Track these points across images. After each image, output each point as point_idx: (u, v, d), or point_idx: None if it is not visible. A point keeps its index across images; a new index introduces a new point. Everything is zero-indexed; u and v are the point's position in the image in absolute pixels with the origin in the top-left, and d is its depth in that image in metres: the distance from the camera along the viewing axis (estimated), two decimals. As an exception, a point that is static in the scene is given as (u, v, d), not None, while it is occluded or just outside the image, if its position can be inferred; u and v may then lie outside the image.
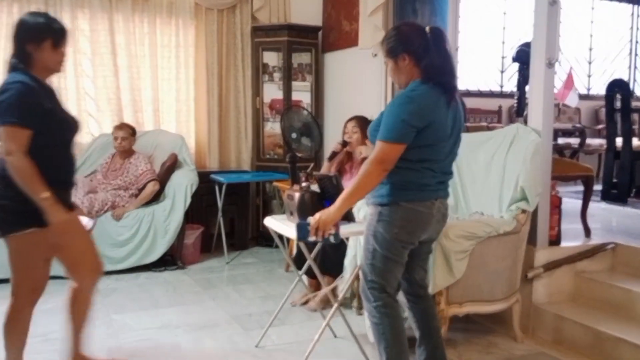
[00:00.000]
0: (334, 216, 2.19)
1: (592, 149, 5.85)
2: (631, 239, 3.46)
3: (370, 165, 2.12)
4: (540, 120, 3.11)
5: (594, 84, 7.44)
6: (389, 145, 2.11)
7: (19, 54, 2.23)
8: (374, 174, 2.13)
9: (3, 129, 2.12)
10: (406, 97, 2.13)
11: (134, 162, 4.49)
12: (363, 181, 2.13)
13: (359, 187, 2.15)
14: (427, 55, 2.16)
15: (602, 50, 7.48)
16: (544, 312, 3.11)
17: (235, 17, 5.24)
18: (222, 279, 4.25)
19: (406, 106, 2.11)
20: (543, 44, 3.09)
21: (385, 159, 2.12)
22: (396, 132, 2.10)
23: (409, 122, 2.09)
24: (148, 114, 5.07)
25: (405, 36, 2.22)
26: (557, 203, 3.23)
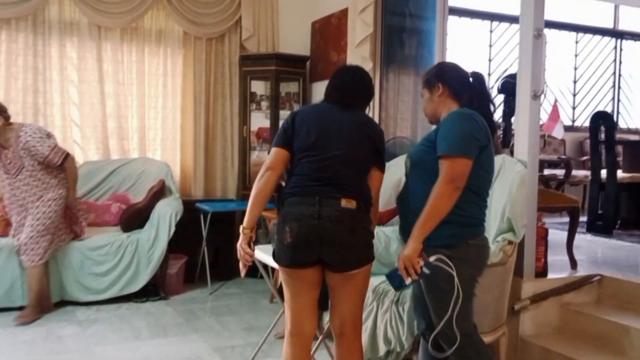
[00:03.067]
0: (415, 248, 2.02)
1: (577, 180, 5.88)
2: (617, 271, 3.45)
3: (441, 185, 2.01)
4: (526, 152, 3.12)
5: (578, 115, 7.54)
6: (456, 160, 2.03)
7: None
8: (446, 195, 2.02)
9: None
10: (463, 114, 2.12)
11: (24, 145, 3.83)
12: (436, 204, 2.01)
13: (433, 212, 2.02)
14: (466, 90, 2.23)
15: (586, 83, 7.60)
16: (531, 345, 3.07)
17: (224, 46, 5.27)
18: (205, 310, 4.17)
19: (468, 121, 2.09)
20: (528, 76, 3.12)
21: (455, 175, 2.02)
22: (462, 145, 2.04)
23: (474, 134, 2.07)
24: (134, 141, 5.06)
25: (443, 69, 2.31)
26: (543, 234, 3.22)
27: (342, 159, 2.24)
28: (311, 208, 2.15)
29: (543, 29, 3.14)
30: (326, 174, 2.21)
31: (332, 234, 2.14)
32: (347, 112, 2.35)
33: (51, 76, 4.77)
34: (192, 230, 4.72)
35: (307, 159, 2.23)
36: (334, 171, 2.22)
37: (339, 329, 2.34)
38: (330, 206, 2.16)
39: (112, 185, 4.82)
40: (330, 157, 2.22)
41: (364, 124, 2.38)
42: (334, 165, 2.22)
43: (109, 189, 4.80)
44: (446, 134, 2.08)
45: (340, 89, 2.40)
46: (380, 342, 2.96)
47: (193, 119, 5.18)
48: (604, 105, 7.67)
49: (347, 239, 2.17)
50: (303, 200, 2.18)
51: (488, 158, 2.14)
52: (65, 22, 4.78)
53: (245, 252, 2.24)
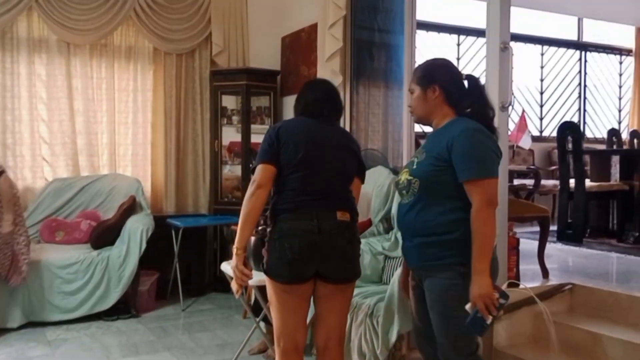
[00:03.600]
0: (487, 282, 1.92)
1: (547, 190, 5.98)
2: (588, 279, 3.50)
3: (483, 212, 1.93)
4: (495, 163, 3.15)
5: (546, 126, 7.69)
6: (488, 182, 1.97)
7: None
8: (490, 220, 1.95)
9: None
10: (479, 130, 2.02)
11: None
12: (485, 232, 1.94)
13: (486, 241, 1.94)
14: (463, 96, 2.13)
15: (552, 94, 7.77)
16: (505, 355, 3.08)
17: (195, 61, 5.24)
18: (177, 327, 4.10)
19: (486, 138, 2.02)
20: (496, 89, 3.15)
21: (491, 197, 1.96)
22: (489, 165, 1.99)
23: (494, 151, 2.02)
24: (104, 158, 4.99)
25: (441, 69, 2.18)
26: (514, 244, 3.26)
27: (332, 172, 2.28)
28: (310, 223, 2.17)
29: (509, 42, 3.19)
30: (319, 187, 2.24)
31: (333, 247, 2.20)
32: (327, 125, 2.39)
33: (19, 93, 4.69)
34: (164, 247, 4.65)
35: (298, 174, 2.23)
36: (326, 185, 2.25)
37: (324, 342, 2.33)
38: (328, 219, 2.19)
39: (82, 202, 4.73)
40: (321, 171, 2.25)
41: (345, 137, 2.46)
42: (325, 179, 2.26)
43: (79, 206, 4.71)
44: (471, 156, 1.98)
45: (317, 103, 2.41)
46: (354, 356, 2.94)
47: (164, 134, 5.13)
48: (570, 116, 7.84)
49: (347, 251, 2.25)
50: (299, 215, 2.19)
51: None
52: (33, 39, 4.72)
53: (243, 274, 2.18)
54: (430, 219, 2.04)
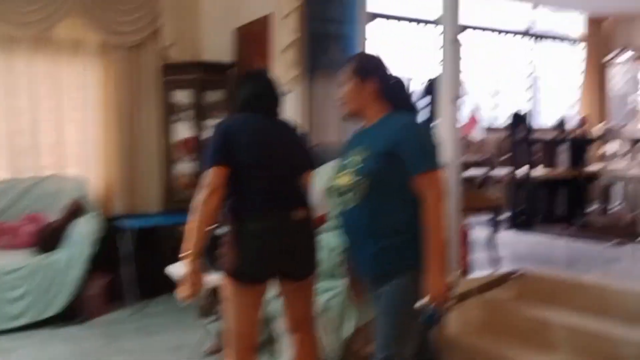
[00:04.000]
0: (444, 281, 1.91)
1: (499, 179, 6.07)
2: (536, 266, 3.58)
3: (438, 206, 1.90)
4: (449, 154, 3.17)
5: (498, 116, 7.80)
6: (438, 174, 1.95)
7: None
8: (442, 212, 1.92)
9: None
10: (422, 124, 2.13)
11: None
12: (439, 225, 1.90)
13: (442, 237, 1.91)
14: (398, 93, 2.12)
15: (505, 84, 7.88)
16: (457, 344, 3.12)
17: (144, 54, 5.08)
18: (129, 331, 4.00)
19: (428, 130, 2.09)
20: (448, 81, 3.18)
21: (442, 190, 1.94)
22: (436, 157, 1.98)
23: (437, 146, 2.03)
24: (50, 157, 4.79)
25: (381, 63, 2.14)
26: (466, 234, 3.29)
27: (287, 170, 2.31)
28: (273, 223, 2.21)
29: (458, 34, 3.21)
30: (277, 187, 2.25)
31: (295, 245, 2.25)
32: (272, 120, 2.36)
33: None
34: (114, 248, 4.51)
35: (254, 175, 2.23)
36: (283, 184, 2.27)
37: (295, 327, 2.42)
38: (289, 219, 2.24)
39: (26, 205, 4.55)
40: (277, 171, 2.27)
41: (290, 130, 2.44)
42: (281, 178, 2.28)
43: (23, 209, 4.52)
44: (421, 148, 1.96)
45: (261, 98, 2.37)
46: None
47: (113, 131, 4.96)
48: (522, 105, 7.99)
49: (308, 248, 2.31)
50: (261, 216, 2.21)
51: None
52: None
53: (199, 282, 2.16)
54: (389, 219, 1.97)
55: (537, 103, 8.17)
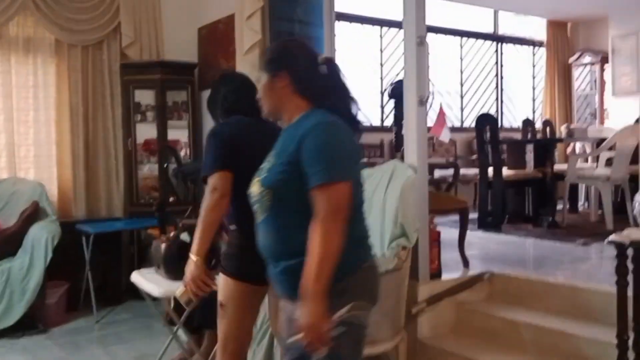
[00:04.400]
0: (318, 311, 1.54)
1: (468, 179, 6.09)
2: (506, 266, 3.58)
3: (328, 223, 1.57)
4: (415, 156, 3.13)
5: (466, 116, 7.86)
6: (337, 187, 1.60)
7: None
8: (337, 232, 1.58)
9: None
10: (329, 125, 1.68)
11: None
12: (329, 248, 1.56)
13: (326, 259, 1.56)
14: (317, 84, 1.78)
15: (472, 85, 7.95)
16: (429, 347, 3.08)
17: (102, 53, 4.91)
18: (91, 341, 3.84)
19: (338, 134, 1.67)
20: (414, 83, 3.14)
21: (340, 206, 1.60)
22: (340, 166, 1.63)
23: (349, 148, 1.68)
24: (2, 160, 4.60)
25: (291, 53, 1.83)
26: (435, 237, 3.26)
27: None
28: None
29: (425, 36, 3.17)
30: None
31: None
32: (260, 121, 2.27)
33: None
34: (74, 254, 4.33)
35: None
36: None
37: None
38: None
39: (-20, 209, 4.35)
40: None
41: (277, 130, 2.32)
42: None
43: (-24, 214, 4.32)
44: (321, 156, 1.62)
45: (244, 99, 2.33)
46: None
47: (70, 133, 4.77)
48: (489, 107, 8.06)
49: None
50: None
51: (360, 169, 1.77)
52: None
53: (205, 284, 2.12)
54: (291, 238, 1.69)
55: (504, 104, 8.26)
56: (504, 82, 8.23)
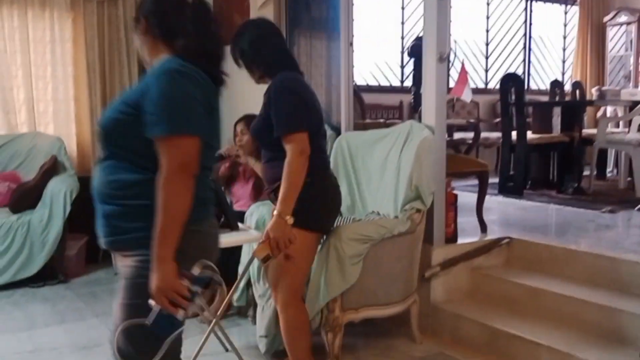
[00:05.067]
0: (169, 271, 1.44)
1: (490, 143, 5.94)
2: (525, 233, 3.48)
3: (173, 180, 1.46)
4: (433, 117, 3.03)
5: (491, 78, 7.64)
6: (189, 141, 1.48)
7: None
8: (183, 190, 1.47)
9: None
10: (182, 73, 1.51)
11: None
12: (175, 207, 1.46)
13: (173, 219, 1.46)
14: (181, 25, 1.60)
15: (498, 45, 7.69)
16: (442, 311, 3.05)
17: (118, 8, 4.82)
18: (108, 292, 3.88)
19: (194, 83, 1.51)
20: (434, 39, 3.01)
21: (190, 162, 1.48)
22: (192, 119, 1.49)
23: (205, 104, 1.52)
24: (22, 115, 4.62)
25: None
26: (452, 200, 3.17)
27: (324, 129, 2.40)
28: (335, 179, 2.42)
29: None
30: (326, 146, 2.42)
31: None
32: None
33: None
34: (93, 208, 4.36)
35: (321, 133, 2.33)
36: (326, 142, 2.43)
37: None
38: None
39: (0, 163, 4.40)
40: (323, 129, 2.38)
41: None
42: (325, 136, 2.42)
43: (-4, 168, 4.37)
44: (163, 105, 1.47)
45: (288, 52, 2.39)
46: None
47: (87, 89, 4.74)
48: (515, 67, 7.82)
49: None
50: (330, 174, 2.39)
51: (214, 124, 1.61)
52: None
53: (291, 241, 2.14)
54: (114, 179, 1.56)
55: (531, 65, 8.00)
56: (533, 42, 7.94)
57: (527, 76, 7.89)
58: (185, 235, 1.49)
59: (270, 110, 2.19)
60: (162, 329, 1.48)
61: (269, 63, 2.28)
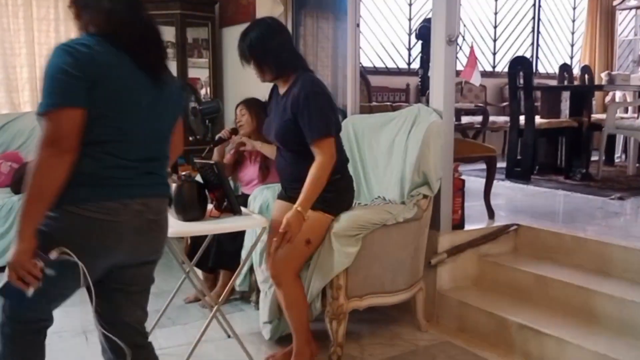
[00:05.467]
0: (22, 250, 1.43)
1: (498, 127, 5.87)
2: (533, 220, 3.42)
3: (39, 155, 1.42)
4: (441, 100, 2.96)
5: (499, 61, 7.52)
6: (59, 114, 1.42)
7: None
8: (49, 167, 1.42)
9: None
10: (59, 49, 1.48)
11: None
12: (37, 185, 1.41)
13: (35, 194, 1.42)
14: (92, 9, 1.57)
15: (506, 28, 7.56)
16: (448, 299, 3.00)
17: (121, -13, 4.75)
18: (110, 277, 3.87)
19: (63, 57, 1.45)
20: (443, 21, 2.92)
21: (57, 136, 1.42)
22: (58, 92, 1.44)
23: (68, 71, 1.44)
24: (25, 94, 4.58)
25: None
26: (459, 186, 3.11)
27: None
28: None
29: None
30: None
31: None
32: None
33: None
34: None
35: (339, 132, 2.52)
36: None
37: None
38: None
39: (2, 143, 4.34)
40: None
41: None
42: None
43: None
44: (44, 82, 1.47)
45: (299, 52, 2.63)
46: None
47: (91, 68, 4.70)
48: (524, 51, 7.69)
49: None
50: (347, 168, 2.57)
51: (107, 96, 1.50)
52: None
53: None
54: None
55: (540, 49, 7.87)
56: (541, 25, 7.81)
57: (535, 60, 7.77)
58: (58, 215, 1.47)
59: (299, 114, 2.26)
60: (11, 297, 1.56)
61: (281, 63, 2.33)
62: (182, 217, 2.29)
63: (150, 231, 1.63)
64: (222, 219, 2.36)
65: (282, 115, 2.34)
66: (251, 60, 2.33)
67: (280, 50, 2.32)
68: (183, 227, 2.29)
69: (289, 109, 2.29)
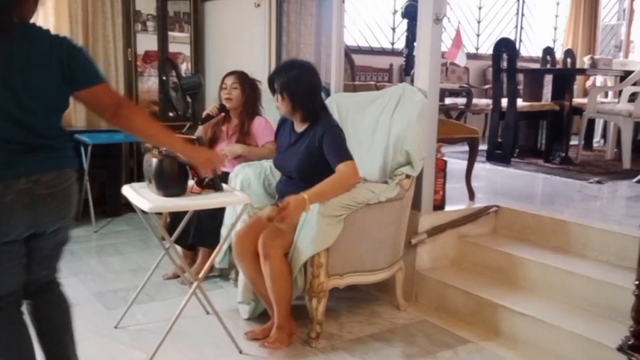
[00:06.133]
0: None
1: (479, 109, 5.89)
2: (513, 201, 3.45)
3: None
4: (426, 80, 2.94)
5: (482, 43, 7.52)
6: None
7: None
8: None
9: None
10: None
11: None
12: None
13: None
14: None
15: (490, 10, 7.54)
16: (427, 278, 3.02)
17: (101, -44, 4.61)
18: (87, 251, 3.82)
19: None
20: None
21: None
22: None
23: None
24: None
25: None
26: (442, 166, 3.11)
27: None
28: None
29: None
30: None
31: None
32: None
33: None
34: (82, 167, 4.24)
35: None
36: None
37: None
38: None
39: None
40: None
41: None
42: None
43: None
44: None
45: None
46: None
47: (69, 39, 4.56)
48: (508, 33, 7.69)
49: None
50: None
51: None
52: None
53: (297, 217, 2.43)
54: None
55: (523, 32, 7.88)
56: (526, 7, 7.80)
57: (518, 42, 7.78)
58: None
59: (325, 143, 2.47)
60: None
61: (316, 110, 2.55)
62: (163, 193, 2.25)
63: (45, 204, 1.64)
64: (203, 195, 2.33)
65: (306, 150, 2.53)
66: (285, 96, 2.51)
67: (316, 95, 2.57)
68: (163, 203, 2.25)
69: (316, 142, 2.50)
